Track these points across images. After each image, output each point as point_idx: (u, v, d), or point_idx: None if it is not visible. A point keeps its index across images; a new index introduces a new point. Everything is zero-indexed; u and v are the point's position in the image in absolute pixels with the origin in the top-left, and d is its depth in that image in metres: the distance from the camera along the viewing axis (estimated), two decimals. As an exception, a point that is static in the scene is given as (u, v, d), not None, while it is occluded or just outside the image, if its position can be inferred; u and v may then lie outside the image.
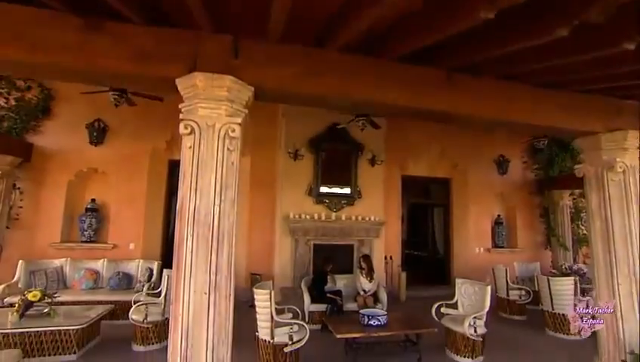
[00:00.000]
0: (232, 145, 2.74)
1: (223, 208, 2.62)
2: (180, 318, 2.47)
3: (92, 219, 6.76)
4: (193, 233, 2.54)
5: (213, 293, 2.50)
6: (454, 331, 4.41)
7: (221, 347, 2.52)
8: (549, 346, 5.03)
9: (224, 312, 2.54)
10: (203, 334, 2.46)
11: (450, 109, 3.27)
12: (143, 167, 7.14)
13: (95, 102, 6.67)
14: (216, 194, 2.62)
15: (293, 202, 6.84)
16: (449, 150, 8.55)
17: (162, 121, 6.94)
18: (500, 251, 8.49)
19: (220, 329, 2.51)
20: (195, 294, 2.48)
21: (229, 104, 2.74)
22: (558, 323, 5.37)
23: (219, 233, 2.58)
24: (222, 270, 2.56)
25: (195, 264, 2.50)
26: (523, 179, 9.03)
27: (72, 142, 6.75)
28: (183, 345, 2.44)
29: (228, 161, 2.72)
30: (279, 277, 6.62)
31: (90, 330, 4.47)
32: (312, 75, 2.98)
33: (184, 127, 2.66)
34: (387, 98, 3.13)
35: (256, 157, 7.38)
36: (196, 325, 2.46)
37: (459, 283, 4.95)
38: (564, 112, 3.51)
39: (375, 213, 7.14)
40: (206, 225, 2.56)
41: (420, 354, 4.30)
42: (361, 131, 6.84)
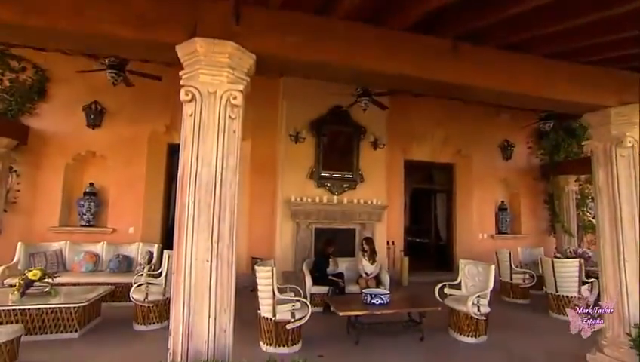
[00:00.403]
0: (233, 113, 2.71)
1: (224, 176, 2.61)
2: (181, 286, 2.47)
3: (91, 203, 6.78)
4: (195, 200, 2.53)
5: (215, 261, 2.50)
6: (458, 310, 4.44)
7: (223, 315, 2.53)
8: (553, 327, 5.06)
9: (226, 281, 2.55)
10: (205, 302, 2.47)
11: (455, 80, 3.23)
12: (141, 151, 7.12)
13: (91, 84, 6.67)
14: (218, 161, 2.60)
15: (295, 185, 6.84)
16: (453, 135, 8.52)
17: (161, 104, 6.95)
18: (503, 237, 8.51)
19: (222, 298, 2.52)
20: (197, 262, 2.48)
21: (231, 71, 2.71)
22: (562, 306, 5.40)
23: (220, 201, 2.57)
24: (224, 238, 2.56)
25: (196, 231, 2.50)
26: (528, 165, 9.01)
27: (68, 124, 6.73)
28: (185, 312, 2.45)
29: (230, 129, 2.70)
30: (280, 262, 6.64)
31: (91, 310, 4.51)
32: (315, 43, 2.95)
33: (185, 94, 2.64)
34: (391, 68, 3.10)
35: (257, 141, 7.35)
36: (198, 293, 2.46)
37: (462, 264, 4.97)
38: (572, 85, 3.47)
39: (377, 197, 7.15)
40: (207, 193, 2.55)
41: (423, 333, 4.34)
42: (363, 112, 6.82)
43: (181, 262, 2.50)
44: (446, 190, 9.18)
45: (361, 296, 4.44)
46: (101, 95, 6.81)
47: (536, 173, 8.98)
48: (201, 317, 2.46)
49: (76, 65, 6.01)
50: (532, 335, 4.74)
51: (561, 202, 8.56)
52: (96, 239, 6.45)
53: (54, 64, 6.63)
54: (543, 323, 5.25)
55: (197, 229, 2.51)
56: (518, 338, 4.58)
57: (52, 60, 6.59)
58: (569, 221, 8.46)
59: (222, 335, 2.52)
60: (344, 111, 7.24)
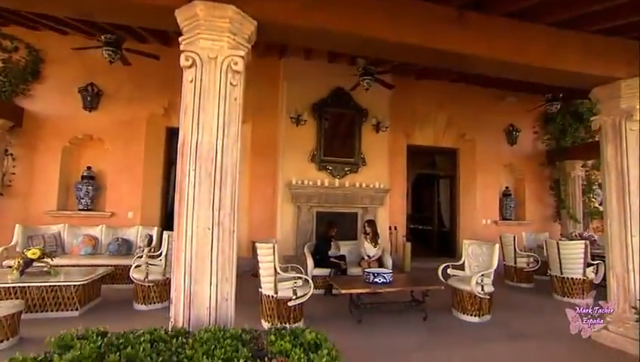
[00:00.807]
0: (235, 79, 2.70)
1: (225, 143, 2.61)
2: (182, 254, 2.49)
3: (88, 186, 6.78)
4: (195, 168, 2.53)
5: (216, 229, 2.52)
6: (461, 290, 4.47)
7: (225, 284, 2.55)
8: (557, 308, 5.07)
9: (227, 249, 2.56)
10: (206, 270, 2.49)
11: (460, 50, 3.20)
12: (139, 135, 7.10)
13: (87, 65, 6.64)
14: (219, 129, 2.60)
15: (296, 169, 6.84)
16: (456, 119, 8.48)
17: (159, 86, 6.92)
18: (507, 223, 8.53)
19: (224, 266, 2.54)
20: (198, 229, 2.49)
21: (232, 36, 2.69)
22: (566, 288, 5.44)
23: (222, 169, 2.57)
24: (225, 206, 2.57)
25: (197, 199, 2.51)
26: (533, 150, 8.99)
27: (64, 106, 6.69)
28: (186, 280, 2.47)
29: (231, 96, 2.69)
30: (281, 246, 6.63)
31: (91, 289, 4.55)
32: (317, 9, 2.92)
33: (185, 59, 2.62)
34: (395, 36, 3.07)
35: (257, 124, 7.34)
36: (199, 260, 2.48)
37: (466, 244, 4.99)
38: (582, 56, 3.44)
39: (379, 181, 7.15)
40: (209, 160, 2.55)
41: (426, 313, 4.38)
42: (365, 94, 6.79)
43: (182, 229, 2.51)
44: (449, 176, 9.17)
45: (364, 275, 4.46)
46: (97, 77, 6.78)
47: (542, 159, 8.96)
48: (203, 286, 2.48)
49: (71, 45, 5.98)
50: (536, 315, 4.78)
51: (567, 188, 8.55)
52: (94, 223, 6.47)
53: (48, 44, 6.58)
54: (547, 304, 5.29)
55: (198, 197, 2.52)
56: (522, 317, 4.62)
57: (45, 40, 6.55)
58: (575, 207, 8.46)
59: (224, 304, 2.54)
60: (346, 94, 7.21)
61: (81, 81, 6.67)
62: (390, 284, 4.28)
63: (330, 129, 7.15)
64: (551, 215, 8.97)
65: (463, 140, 8.70)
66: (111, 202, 6.92)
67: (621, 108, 3.67)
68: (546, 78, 3.83)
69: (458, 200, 8.79)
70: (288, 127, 6.99)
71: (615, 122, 3.75)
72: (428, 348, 3.59)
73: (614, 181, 3.72)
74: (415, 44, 3.14)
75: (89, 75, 6.71)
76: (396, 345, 3.58)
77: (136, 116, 7.03)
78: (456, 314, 4.54)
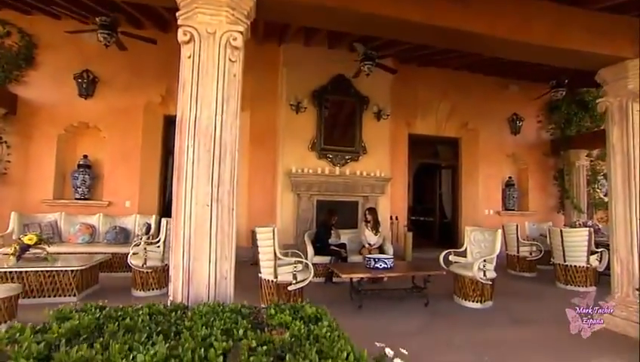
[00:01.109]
0: (233, 55, 2.69)
1: (224, 119, 2.60)
2: (181, 231, 2.49)
3: (85, 175, 6.78)
4: (194, 144, 2.53)
5: (215, 206, 2.52)
6: (463, 276, 4.49)
7: (224, 262, 2.55)
8: (560, 295, 5.12)
9: (227, 227, 2.57)
10: (205, 247, 2.49)
11: (463, 27, 3.18)
12: (137, 123, 7.10)
13: (82, 51, 6.62)
14: (218, 104, 2.59)
15: (296, 157, 6.84)
16: (459, 107, 8.46)
17: (156, 73, 6.90)
18: (510, 214, 8.54)
19: (223, 244, 2.54)
20: (197, 206, 2.50)
21: (230, 11, 2.68)
22: (569, 276, 5.46)
23: (221, 145, 2.57)
24: (224, 183, 2.56)
25: (196, 175, 2.51)
26: (537, 140, 8.98)
27: (59, 94, 6.67)
28: (185, 258, 2.48)
29: (230, 72, 2.68)
30: (281, 235, 6.62)
31: (89, 275, 4.57)
32: (318, -16, 2.90)
33: (183, 34, 2.60)
34: (397, 13, 3.05)
35: (256, 112, 7.32)
36: (198, 237, 2.48)
37: (468, 231, 5.00)
38: (587, 34, 3.42)
39: (380, 169, 7.15)
40: (207, 136, 2.55)
41: (427, 299, 4.40)
42: (366, 82, 6.77)
43: (180, 206, 2.51)
44: (451, 166, 9.17)
45: (364, 261, 4.48)
46: (93, 63, 6.76)
47: (546, 148, 8.95)
48: (202, 263, 2.49)
49: (65, 29, 5.94)
50: (539, 301, 4.81)
51: (572, 178, 8.56)
52: (91, 213, 6.48)
53: (41, 29, 6.55)
54: (550, 292, 5.32)
55: (197, 173, 2.52)
56: (524, 304, 4.65)
57: (38, 24, 6.52)
58: (579, 197, 8.47)
59: (223, 282, 2.55)
60: (346, 81, 7.19)
61: (76, 68, 6.65)
62: (391, 270, 4.29)
63: (331, 116, 7.15)
64: (554, 205, 8.99)
65: (465, 129, 8.69)
66: (108, 191, 6.93)
67: (628, 89, 3.66)
68: (550, 57, 3.81)
69: (460, 190, 8.80)
70: (288, 115, 6.98)
71: (622, 104, 3.74)
72: (429, 330, 3.62)
73: (620, 163, 3.72)
74: (416, 21, 3.12)
75: (84, 61, 6.69)
76: (397, 328, 3.60)
77: (133, 104, 7.02)
78: (458, 300, 4.57)
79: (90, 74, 6.75)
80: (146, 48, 6.41)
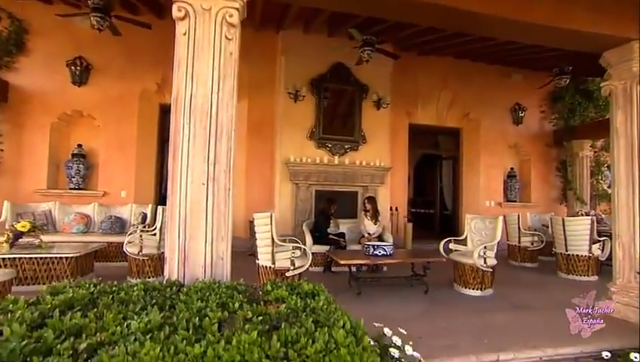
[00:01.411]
0: (230, 33, 2.67)
1: (221, 98, 2.59)
2: (177, 210, 2.50)
3: (79, 165, 6.77)
4: (190, 122, 2.52)
5: (211, 185, 2.52)
6: (463, 264, 4.51)
7: (220, 242, 2.56)
8: (561, 284, 5.16)
9: (223, 207, 2.57)
10: (201, 226, 2.50)
11: (462, 6, 3.15)
12: (132, 111, 7.08)
13: (75, 37, 6.59)
14: (214, 83, 2.58)
15: (294, 146, 6.83)
16: (460, 97, 8.45)
17: (151, 61, 6.87)
18: (512, 205, 8.54)
19: (220, 224, 2.54)
20: (193, 185, 2.50)
21: (225, -14, 2.66)
22: (571, 265, 5.48)
23: (217, 123, 2.56)
24: (220, 162, 2.56)
25: (192, 153, 2.50)
26: (540, 130, 8.98)
27: (52, 81, 6.64)
28: (181, 237, 2.48)
29: (226, 50, 2.66)
30: (279, 225, 6.56)
31: (84, 263, 4.58)
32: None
33: (177, 10, 2.59)
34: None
35: (254, 101, 7.32)
36: (194, 217, 2.49)
37: (469, 219, 5.02)
38: (591, 14, 3.40)
39: (380, 159, 7.15)
40: (203, 113, 2.54)
41: (427, 286, 4.42)
42: (366, 70, 6.76)
43: (176, 185, 2.51)
44: (452, 156, 9.18)
45: (363, 248, 4.49)
46: (86, 50, 6.72)
47: (549, 139, 8.95)
48: (197, 243, 2.50)
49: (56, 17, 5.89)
50: (540, 290, 4.84)
51: (575, 169, 8.57)
52: (86, 203, 6.47)
53: (32, 13, 6.50)
54: (552, 281, 5.34)
55: (192, 151, 2.51)
56: (525, 292, 4.67)
57: (29, 9, 6.47)
58: (582, 188, 8.48)
59: (219, 262, 2.56)
60: (346, 69, 7.18)
61: (68, 54, 6.61)
62: (390, 256, 4.31)
63: (330, 105, 7.13)
64: (557, 197, 9.01)
65: (466, 119, 8.69)
66: (103, 181, 6.93)
67: (632, 72, 3.65)
68: (553, 39, 3.79)
69: (461, 181, 8.82)
70: (286, 104, 6.96)
71: (626, 87, 3.73)
72: (428, 316, 3.64)
73: (623, 148, 3.73)
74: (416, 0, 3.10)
75: (77, 47, 6.66)
76: (396, 314, 3.62)
77: (128, 92, 7.00)
78: (458, 288, 4.59)
79: (84, 61, 6.71)
80: (141, 35, 6.38)
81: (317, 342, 1.27)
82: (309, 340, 1.29)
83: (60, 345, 1.23)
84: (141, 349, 1.18)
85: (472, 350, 2.84)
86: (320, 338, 1.30)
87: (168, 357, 1.14)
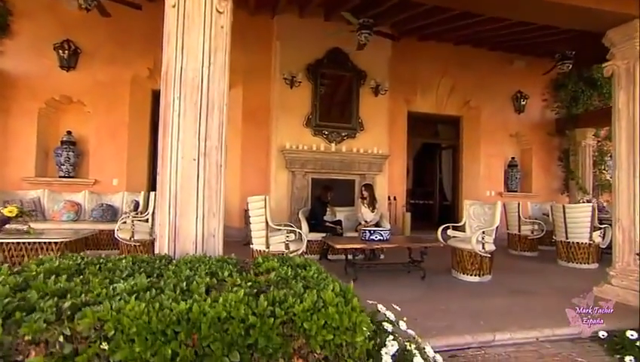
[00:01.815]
0: (221, 6, 2.66)
1: (212, 72, 2.59)
2: (167, 186, 2.50)
3: (69, 152, 6.75)
4: (180, 96, 2.52)
5: (202, 160, 2.52)
6: (461, 249, 4.54)
7: (212, 219, 2.57)
8: (561, 272, 5.21)
9: (215, 183, 2.58)
10: (192, 202, 2.50)
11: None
12: (123, 97, 7.05)
13: (62, 20, 6.55)
14: (205, 56, 2.58)
15: (290, 133, 6.82)
16: (461, 84, 8.44)
17: (143, 45, 6.81)
18: (512, 195, 8.57)
19: (211, 200, 2.55)
20: (184, 160, 2.50)
21: (215, -44, 2.64)
22: (571, 253, 5.52)
23: (208, 98, 2.56)
24: (212, 137, 2.56)
25: (182, 128, 2.50)
26: (542, 118, 8.99)
27: (38, 65, 6.58)
28: (171, 213, 2.49)
29: (217, 24, 2.65)
30: (275, 214, 6.63)
31: (74, 249, 4.54)
32: None
33: (165, -20, 2.57)
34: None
35: (249, 87, 7.30)
36: (184, 192, 2.49)
37: (467, 205, 5.04)
38: (593, -11, 3.40)
39: (378, 146, 7.15)
40: (194, 88, 2.54)
41: (425, 272, 4.45)
42: (363, 55, 6.74)
43: (166, 161, 2.52)
44: (452, 146, 9.19)
45: (360, 234, 4.51)
46: (74, 33, 6.66)
47: (551, 128, 8.97)
48: (188, 219, 2.50)
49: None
50: (539, 276, 4.88)
51: (577, 158, 8.59)
52: (77, 191, 6.45)
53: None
54: (551, 269, 5.39)
55: (183, 126, 2.51)
56: (524, 278, 4.72)
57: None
58: (584, 178, 8.51)
59: (210, 239, 2.57)
60: (343, 54, 7.15)
61: (55, 37, 6.54)
62: (387, 241, 4.33)
63: (326, 91, 7.13)
64: (558, 187, 9.04)
65: (467, 107, 8.69)
66: (94, 169, 6.91)
67: (636, 51, 3.65)
68: (554, 16, 3.78)
69: (461, 171, 8.84)
70: (282, 90, 6.93)
71: (629, 67, 3.74)
72: (425, 300, 3.68)
73: (624, 129, 3.74)
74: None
75: (65, 30, 6.60)
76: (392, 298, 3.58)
77: (119, 77, 6.96)
78: (456, 274, 4.63)
79: (72, 44, 6.65)
80: (132, 17, 6.34)
81: (305, 302, 1.29)
82: (297, 300, 1.30)
83: (44, 303, 1.24)
84: (126, 306, 1.18)
85: (467, 330, 2.87)
86: (308, 299, 1.31)
87: (153, 313, 1.15)
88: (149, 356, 1.09)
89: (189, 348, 1.14)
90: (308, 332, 1.22)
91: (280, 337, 1.21)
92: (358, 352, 1.30)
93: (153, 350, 1.10)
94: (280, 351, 1.20)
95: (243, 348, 1.17)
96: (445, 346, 2.66)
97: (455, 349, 2.72)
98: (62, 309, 1.22)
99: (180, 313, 1.16)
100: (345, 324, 1.26)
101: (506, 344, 2.82)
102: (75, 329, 1.13)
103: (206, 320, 1.16)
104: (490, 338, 2.81)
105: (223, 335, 1.16)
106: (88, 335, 1.13)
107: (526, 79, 8.68)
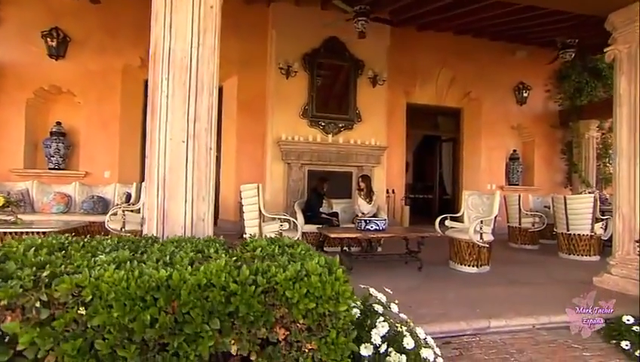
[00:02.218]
0: (209, -16, 2.66)
1: (201, 53, 2.59)
2: (155, 169, 2.51)
3: (59, 143, 6.74)
4: (168, 77, 2.52)
5: (191, 142, 2.53)
6: (459, 240, 4.56)
7: (201, 203, 2.57)
8: (561, 264, 5.24)
9: (204, 166, 2.58)
10: (181, 185, 2.51)
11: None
12: (114, 87, 7.04)
13: (50, 7, 6.56)
14: (194, 36, 2.58)
15: (286, 124, 6.82)
16: (461, 75, 8.43)
17: (134, 34, 6.79)
18: (514, 189, 8.58)
19: (200, 183, 2.56)
20: (172, 142, 2.50)
21: None
22: (572, 245, 5.55)
23: (197, 79, 2.56)
24: (201, 119, 2.57)
25: (171, 109, 2.51)
26: (544, 110, 9.00)
27: (26, 53, 6.56)
28: (160, 196, 2.49)
29: (206, 4, 2.65)
30: (271, 206, 6.68)
31: (62, 240, 4.59)
32: None
33: (152, -43, 2.57)
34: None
35: (244, 77, 7.30)
36: (173, 175, 2.50)
37: (466, 195, 5.06)
38: (594, -29, 3.40)
39: (376, 138, 7.15)
40: (183, 68, 2.54)
41: (421, 262, 4.47)
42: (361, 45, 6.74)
43: (155, 143, 2.52)
44: (452, 138, 9.19)
45: (356, 224, 4.53)
46: (63, 20, 6.65)
47: (554, 120, 8.97)
48: (177, 202, 2.51)
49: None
50: (538, 267, 4.91)
51: (581, 150, 8.60)
52: (67, 183, 6.45)
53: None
54: (552, 261, 5.41)
55: (171, 107, 2.52)
56: (523, 269, 4.75)
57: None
58: (587, 171, 8.52)
59: (200, 223, 2.57)
60: (341, 44, 7.14)
61: (44, 25, 6.51)
62: (383, 231, 4.35)
63: (323, 82, 7.13)
64: (561, 181, 9.06)
65: (467, 99, 8.69)
66: (85, 161, 6.91)
67: (637, 34, 3.65)
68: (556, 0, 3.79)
69: (461, 164, 8.85)
70: (278, 80, 6.93)
71: (631, 51, 3.74)
72: (420, 289, 3.70)
73: (625, 115, 3.76)
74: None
75: (53, 18, 6.58)
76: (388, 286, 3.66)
77: (110, 67, 6.94)
78: (454, 265, 4.65)
79: (61, 32, 6.63)
80: (123, 5, 6.35)
81: (287, 271, 1.30)
82: (280, 270, 1.31)
83: (22, 273, 1.25)
84: (104, 273, 1.20)
85: (463, 317, 2.89)
86: (291, 268, 1.32)
87: (132, 280, 1.16)
88: (128, 321, 1.11)
89: (168, 314, 1.15)
90: (290, 301, 1.24)
91: (262, 305, 1.22)
92: (342, 322, 1.32)
93: (132, 315, 1.11)
94: (262, 319, 1.21)
95: (224, 315, 1.18)
96: (439, 332, 2.68)
97: (449, 336, 2.74)
98: (40, 277, 1.23)
99: (159, 279, 1.17)
100: (328, 293, 1.27)
101: (501, 331, 2.84)
102: (52, 296, 1.14)
103: (186, 287, 1.17)
104: (485, 325, 2.83)
105: (203, 303, 1.17)
106: (66, 301, 1.14)
107: (528, 70, 8.68)
